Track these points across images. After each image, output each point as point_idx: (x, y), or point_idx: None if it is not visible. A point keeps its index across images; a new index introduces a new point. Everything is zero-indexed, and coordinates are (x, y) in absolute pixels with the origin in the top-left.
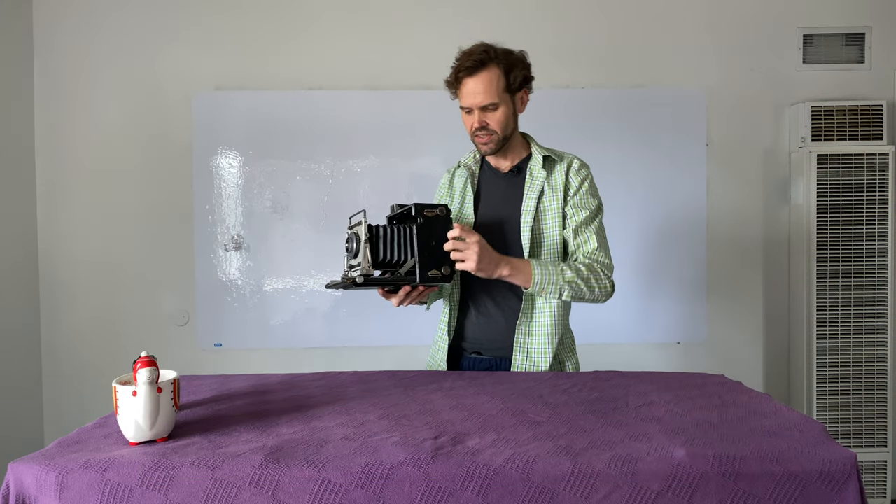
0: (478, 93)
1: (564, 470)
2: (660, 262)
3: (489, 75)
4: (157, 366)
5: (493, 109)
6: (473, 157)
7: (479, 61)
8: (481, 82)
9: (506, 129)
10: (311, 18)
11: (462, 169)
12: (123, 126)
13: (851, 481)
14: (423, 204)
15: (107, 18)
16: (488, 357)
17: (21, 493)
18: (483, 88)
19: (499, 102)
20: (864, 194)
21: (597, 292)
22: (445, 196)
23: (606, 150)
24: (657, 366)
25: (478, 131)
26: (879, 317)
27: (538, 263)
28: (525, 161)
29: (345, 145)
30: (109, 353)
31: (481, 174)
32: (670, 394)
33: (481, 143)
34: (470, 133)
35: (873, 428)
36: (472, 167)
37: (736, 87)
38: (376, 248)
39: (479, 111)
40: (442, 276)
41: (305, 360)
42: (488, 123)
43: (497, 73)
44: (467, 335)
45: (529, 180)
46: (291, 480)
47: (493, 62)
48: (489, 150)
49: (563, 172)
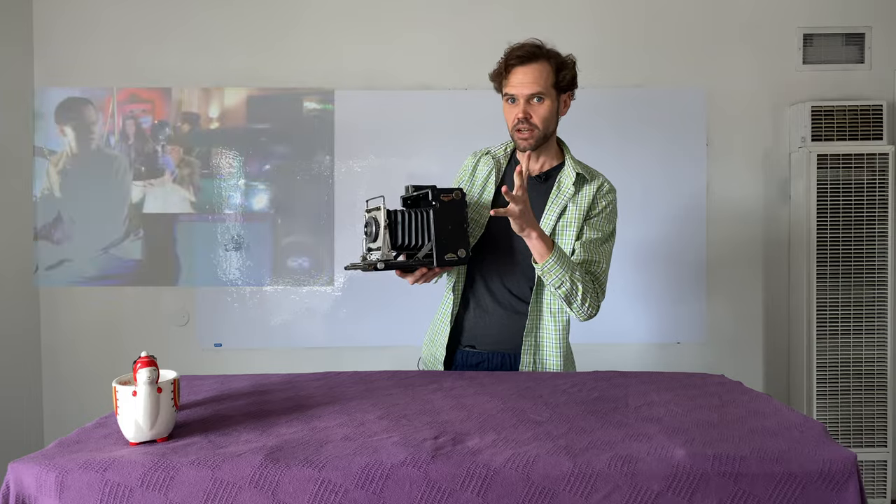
0: (527, 82)
1: (564, 470)
2: (660, 262)
3: (540, 67)
4: (157, 366)
5: (540, 102)
6: (504, 150)
7: (531, 53)
8: (531, 72)
9: (548, 127)
10: (310, 18)
11: (489, 158)
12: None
13: (851, 481)
14: (440, 189)
15: (107, 18)
16: (481, 351)
17: (21, 493)
18: (533, 78)
19: (546, 95)
20: (864, 194)
21: (584, 308)
22: (467, 180)
23: (606, 151)
24: (657, 366)
25: (520, 124)
26: (879, 317)
27: (559, 249)
28: (555, 169)
29: (345, 145)
30: (109, 352)
31: (507, 170)
32: (670, 394)
33: (521, 137)
34: (510, 125)
35: (873, 428)
36: (500, 160)
37: (736, 87)
38: (395, 233)
39: (525, 102)
40: (458, 258)
41: (305, 360)
42: (531, 116)
43: (548, 68)
44: (465, 328)
45: (556, 192)
46: (291, 480)
47: (544, 57)
48: (528, 145)
49: (591, 193)
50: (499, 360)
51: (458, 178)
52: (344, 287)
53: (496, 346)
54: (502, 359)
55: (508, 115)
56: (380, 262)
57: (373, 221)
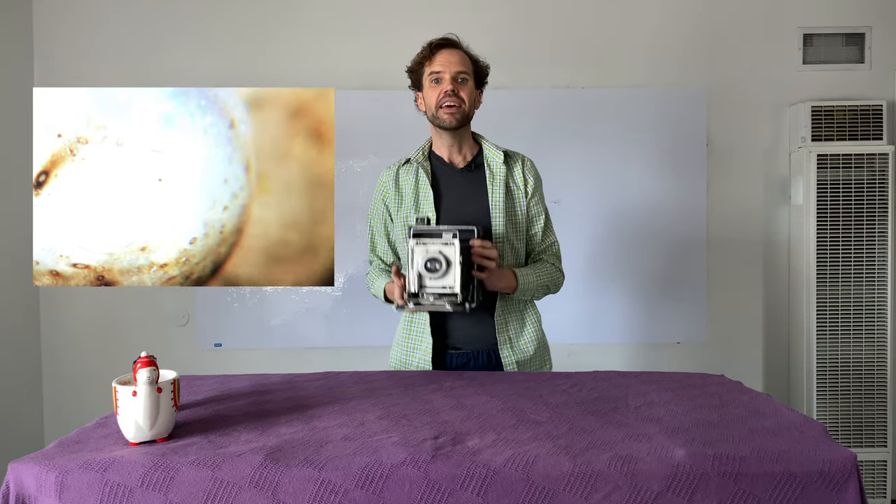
0: (454, 61)
1: (564, 470)
2: (660, 262)
3: (462, 54)
4: (156, 366)
5: (464, 83)
6: (422, 154)
7: (454, 41)
8: (457, 55)
9: (471, 107)
10: (310, 18)
11: (410, 166)
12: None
13: (851, 481)
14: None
15: (107, 18)
16: (467, 351)
17: (21, 493)
18: (459, 59)
19: (469, 77)
20: (864, 194)
21: (554, 289)
22: (392, 197)
23: (606, 151)
24: (657, 366)
25: (447, 97)
26: (879, 317)
27: (520, 273)
28: (478, 156)
29: (345, 145)
30: (109, 352)
31: (434, 170)
32: (670, 394)
33: (448, 111)
34: (435, 102)
35: (873, 428)
36: (421, 162)
37: (736, 87)
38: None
39: (451, 80)
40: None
41: (305, 360)
42: (458, 91)
43: (468, 59)
44: (449, 331)
45: (490, 175)
46: (291, 480)
47: (464, 50)
48: (455, 119)
49: (520, 170)
50: (484, 358)
51: (379, 198)
52: (344, 287)
53: (480, 345)
54: (487, 356)
55: (432, 94)
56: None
57: (442, 257)
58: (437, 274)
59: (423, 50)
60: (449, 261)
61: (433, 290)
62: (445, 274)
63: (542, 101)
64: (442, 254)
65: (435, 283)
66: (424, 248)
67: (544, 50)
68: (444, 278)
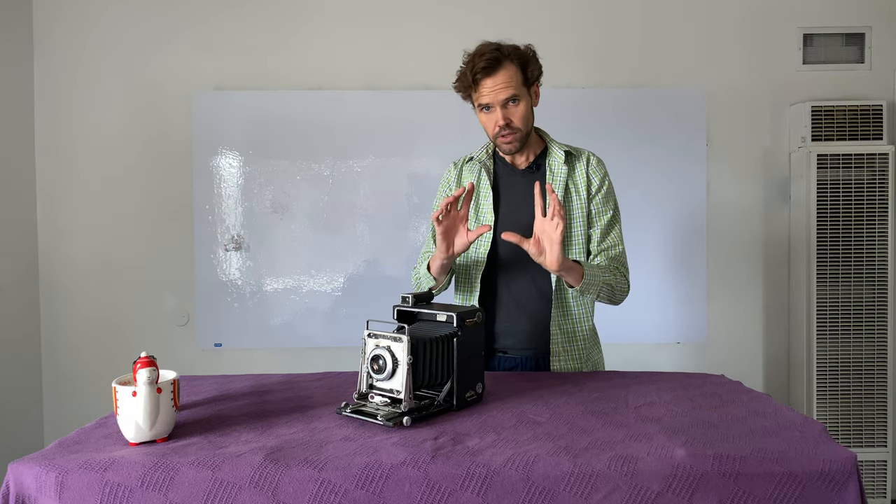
0: (499, 88)
1: (564, 470)
2: (660, 262)
3: (507, 72)
4: (156, 366)
5: (515, 104)
6: (486, 152)
7: (493, 59)
8: (500, 79)
9: (527, 125)
10: (310, 18)
11: (474, 164)
12: (123, 126)
13: (851, 481)
14: (463, 310)
15: (107, 18)
16: (514, 356)
17: (21, 494)
18: (503, 84)
19: (519, 96)
20: (864, 194)
21: (618, 296)
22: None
23: (606, 151)
24: (657, 366)
25: (502, 131)
26: (879, 317)
27: (586, 264)
28: (541, 156)
29: (345, 145)
30: (109, 353)
31: (496, 170)
32: (670, 394)
33: (505, 142)
34: (491, 134)
35: (873, 428)
36: (485, 161)
37: (736, 87)
38: (416, 371)
39: (501, 108)
40: (476, 395)
41: (305, 360)
42: (512, 121)
43: (514, 69)
44: (497, 335)
45: (550, 177)
46: (291, 480)
47: (507, 59)
48: (514, 148)
49: (583, 169)
50: (531, 364)
51: (442, 193)
52: (344, 287)
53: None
54: (535, 362)
55: (487, 124)
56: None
57: (388, 355)
58: (383, 375)
59: (465, 75)
60: (396, 360)
61: (381, 392)
62: (392, 376)
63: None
64: (390, 350)
65: (383, 384)
66: (374, 341)
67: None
68: (390, 380)
